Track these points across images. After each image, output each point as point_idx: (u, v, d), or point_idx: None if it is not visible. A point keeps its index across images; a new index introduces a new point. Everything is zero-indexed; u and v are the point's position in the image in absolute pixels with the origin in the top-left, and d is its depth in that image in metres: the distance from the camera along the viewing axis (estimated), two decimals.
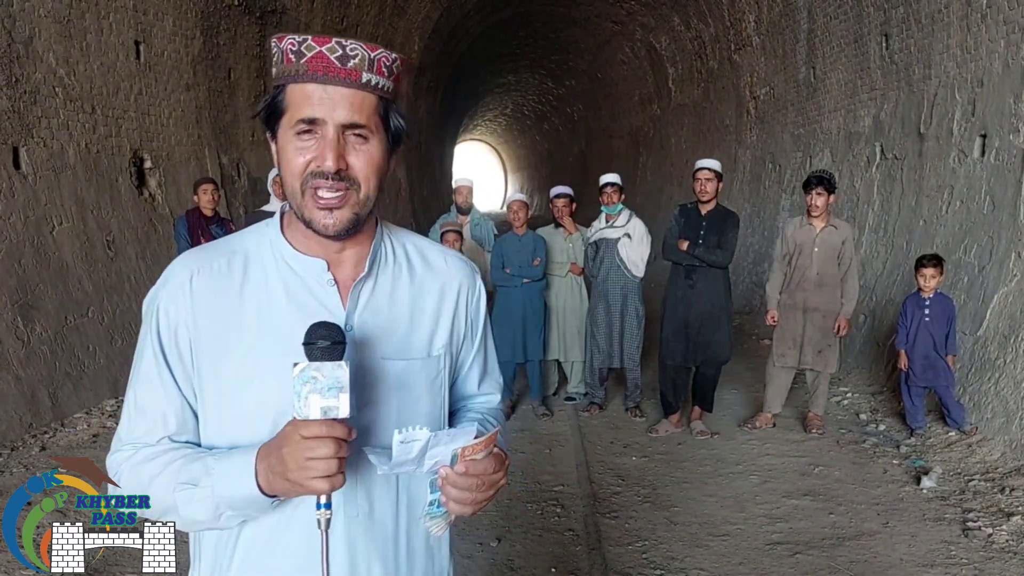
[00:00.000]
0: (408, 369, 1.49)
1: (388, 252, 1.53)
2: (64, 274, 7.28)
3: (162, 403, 1.44)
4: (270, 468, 1.29)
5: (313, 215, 1.37)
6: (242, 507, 1.35)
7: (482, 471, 1.33)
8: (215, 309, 1.42)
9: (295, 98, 1.35)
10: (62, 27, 7.57)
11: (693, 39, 17.68)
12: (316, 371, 1.25)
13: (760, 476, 5.79)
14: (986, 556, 4.45)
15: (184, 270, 1.45)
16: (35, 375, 6.61)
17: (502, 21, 23.44)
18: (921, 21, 8.42)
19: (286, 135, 1.37)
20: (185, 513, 1.39)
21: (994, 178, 6.94)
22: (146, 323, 1.46)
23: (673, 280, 6.59)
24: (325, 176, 1.34)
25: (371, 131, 1.37)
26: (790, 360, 6.63)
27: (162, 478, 1.39)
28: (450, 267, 1.60)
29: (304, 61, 1.33)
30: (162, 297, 1.44)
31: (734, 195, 14.92)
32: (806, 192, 6.43)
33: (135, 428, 1.46)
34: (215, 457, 1.37)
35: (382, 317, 1.48)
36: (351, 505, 1.44)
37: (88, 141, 7.94)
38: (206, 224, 6.78)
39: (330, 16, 14.65)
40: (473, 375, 1.70)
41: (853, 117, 10.40)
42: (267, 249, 1.47)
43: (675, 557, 4.55)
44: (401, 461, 1.30)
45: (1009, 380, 5.96)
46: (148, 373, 1.44)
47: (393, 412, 1.46)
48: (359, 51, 1.34)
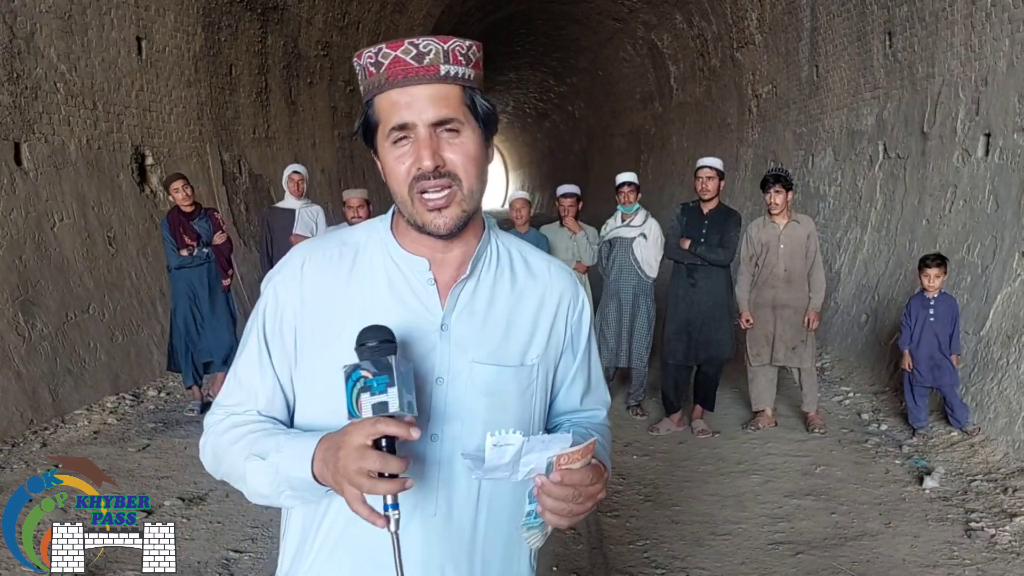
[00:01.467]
0: (499, 375, 1.47)
1: (492, 256, 1.52)
2: (65, 270, 7.28)
3: (256, 380, 1.49)
4: (324, 461, 1.29)
5: (424, 218, 1.38)
6: (300, 488, 1.36)
7: (579, 481, 1.30)
8: (322, 296, 1.45)
9: (383, 108, 1.36)
10: (64, 23, 7.57)
11: (695, 37, 17.66)
12: (364, 369, 1.24)
13: (762, 475, 5.78)
14: (989, 557, 4.43)
15: (298, 257, 1.50)
16: (36, 371, 6.60)
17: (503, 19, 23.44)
18: (925, 19, 8.40)
19: (384, 147, 1.39)
20: (252, 483, 1.42)
21: (998, 177, 6.92)
22: (259, 302, 1.52)
23: (675, 279, 6.59)
24: (427, 176, 1.35)
25: (461, 122, 1.37)
26: (764, 357, 6.66)
27: (239, 446, 1.44)
28: (553, 276, 1.58)
29: (383, 70, 1.34)
30: (276, 280, 1.50)
31: (736, 194, 14.90)
32: (764, 191, 6.51)
33: (231, 396, 1.52)
34: (288, 436, 1.40)
35: (478, 321, 1.47)
36: (429, 505, 1.43)
37: (89, 137, 7.93)
38: (187, 220, 6.75)
39: (331, 13, 14.63)
40: (575, 390, 1.66)
41: (856, 116, 10.38)
42: (376, 243, 1.49)
43: (676, 556, 4.54)
44: (494, 466, 1.27)
45: (1012, 380, 5.94)
46: (250, 350, 1.50)
47: (481, 418, 1.45)
48: (432, 45, 1.34)
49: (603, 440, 1.62)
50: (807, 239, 6.46)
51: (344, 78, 16.05)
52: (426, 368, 1.42)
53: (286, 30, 13.00)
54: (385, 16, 17.21)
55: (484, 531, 1.48)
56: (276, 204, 7.90)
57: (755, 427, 6.76)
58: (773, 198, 6.41)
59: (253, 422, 1.47)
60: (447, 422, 1.43)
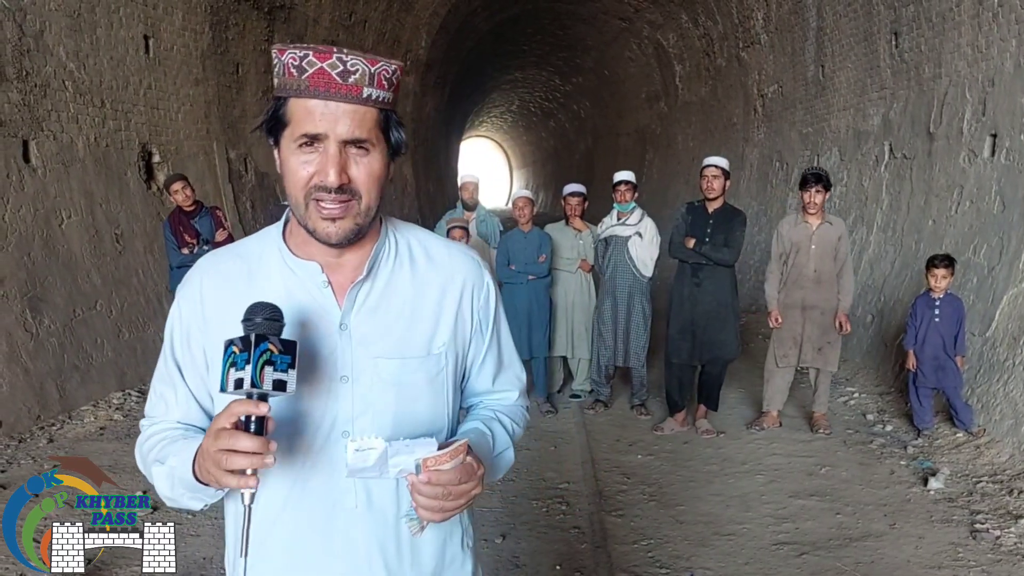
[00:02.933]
0: (404, 367, 1.50)
1: (391, 250, 1.55)
2: (72, 267, 7.30)
3: (170, 395, 1.55)
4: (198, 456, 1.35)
5: (317, 225, 1.41)
6: (191, 489, 1.43)
7: (447, 481, 1.34)
8: (223, 310, 1.46)
9: (297, 112, 1.38)
10: (72, 21, 7.59)
11: (701, 36, 17.64)
12: (272, 344, 1.27)
13: (766, 476, 5.79)
14: (994, 559, 4.43)
15: (197, 275, 1.56)
16: (43, 367, 6.63)
17: (510, 18, 23.42)
18: (931, 19, 8.39)
19: (289, 147, 1.40)
20: (157, 486, 1.50)
21: (1004, 178, 6.91)
22: (168, 319, 1.58)
23: (679, 278, 6.58)
24: (328, 190, 1.37)
25: (372, 144, 1.40)
26: (791, 359, 6.60)
27: (152, 453, 1.51)
28: (454, 262, 1.60)
29: (305, 77, 1.35)
30: (179, 299, 1.56)
31: (741, 193, 14.89)
32: (803, 190, 6.40)
33: (154, 408, 1.59)
34: (186, 440, 1.47)
35: (378, 317, 1.50)
36: (348, 499, 1.48)
37: (97, 135, 7.96)
38: (188, 220, 6.78)
39: (338, 12, 14.65)
40: (486, 372, 1.69)
41: (862, 116, 10.37)
42: (271, 252, 1.52)
43: (680, 556, 4.55)
44: (359, 468, 1.32)
45: (1018, 382, 5.94)
46: (160, 366, 1.57)
47: (390, 411, 1.49)
48: (360, 66, 1.36)
49: (510, 423, 1.70)
50: (838, 241, 6.41)
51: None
52: (330, 368, 1.46)
53: (293, 29, 13.01)
54: (392, 15, 17.22)
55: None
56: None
57: (760, 427, 6.76)
58: (813, 197, 6.32)
59: (168, 429, 1.54)
60: (356, 418, 1.46)
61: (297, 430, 1.45)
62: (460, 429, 1.63)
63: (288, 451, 1.43)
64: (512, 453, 1.67)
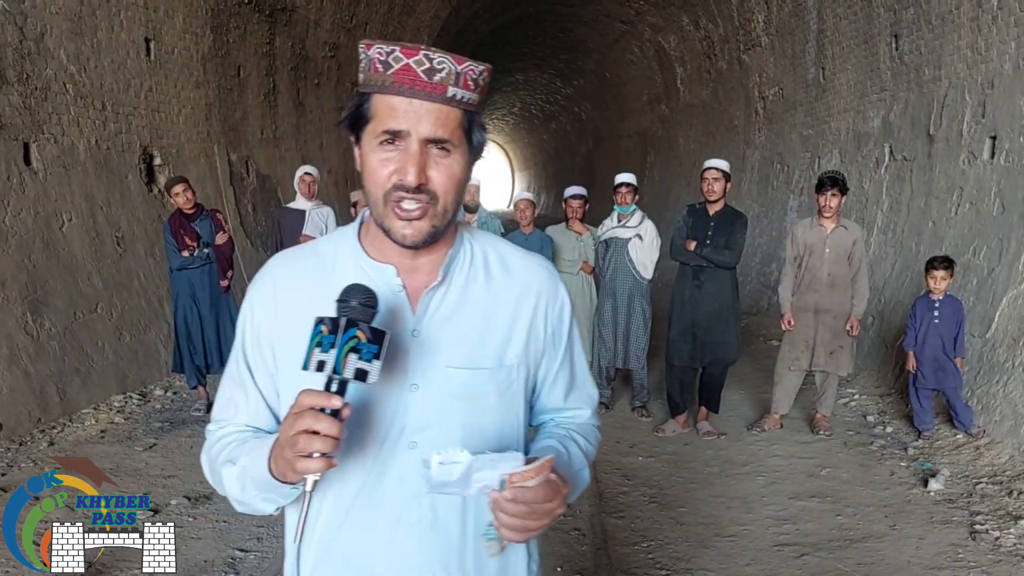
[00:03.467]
0: (475, 379, 1.45)
1: (466, 258, 1.51)
2: (73, 270, 7.31)
3: (240, 396, 1.52)
4: (275, 448, 1.31)
5: (393, 225, 1.38)
6: (264, 488, 1.39)
7: (531, 499, 1.29)
8: (296, 309, 1.43)
9: (380, 109, 1.35)
10: (73, 24, 7.61)
11: (702, 39, 17.66)
12: (361, 331, 1.24)
13: (767, 477, 5.79)
14: (994, 559, 4.43)
15: (270, 273, 1.52)
16: (44, 370, 6.64)
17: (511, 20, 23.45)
18: (931, 22, 8.40)
19: (370, 144, 1.38)
20: (227, 487, 1.47)
21: (1004, 180, 6.92)
22: (239, 321, 1.55)
23: (680, 280, 6.58)
24: (407, 189, 1.34)
25: (454, 145, 1.37)
26: (803, 363, 6.59)
27: (223, 455, 1.48)
28: (530, 274, 1.56)
29: (391, 73, 1.32)
30: (251, 297, 1.52)
31: (742, 195, 14.89)
32: (819, 193, 6.37)
33: (222, 411, 1.56)
34: (258, 439, 1.44)
35: (451, 325, 1.46)
36: (413, 513, 1.43)
37: (98, 138, 7.97)
38: (188, 223, 6.78)
39: (339, 14, 14.67)
40: (558, 388, 1.64)
41: (862, 118, 10.38)
42: (346, 253, 1.49)
43: (681, 557, 4.55)
44: (442, 482, 1.27)
45: (1018, 383, 5.94)
46: (231, 368, 1.54)
47: (459, 423, 1.44)
48: (446, 65, 1.33)
49: (584, 443, 1.63)
50: (852, 245, 6.40)
51: (352, 79, 16.07)
52: (399, 374, 1.41)
53: (294, 32, 13.04)
54: (393, 18, 17.25)
55: (473, 534, 1.47)
56: (287, 204, 7.92)
57: (761, 429, 6.76)
58: (828, 201, 6.30)
59: (238, 431, 1.51)
60: (425, 429, 1.42)
61: (364, 437, 1.41)
62: (535, 446, 1.57)
63: (355, 458, 1.40)
64: (588, 474, 1.59)
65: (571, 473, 1.51)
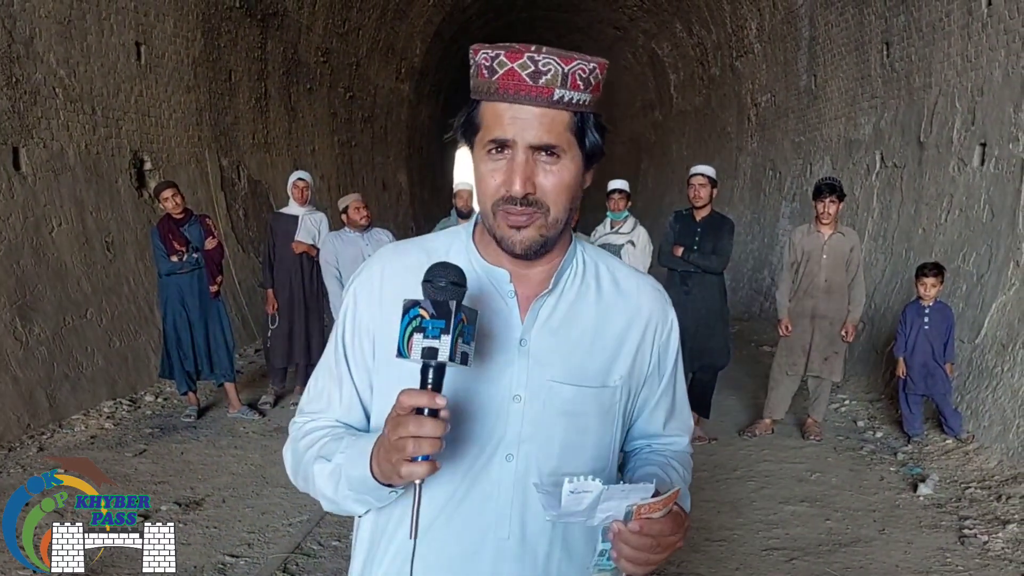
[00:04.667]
0: (579, 396, 1.41)
1: (578, 271, 1.47)
2: (63, 275, 7.29)
3: (334, 389, 1.47)
4: (378, 450, 1.26)
5: (504, 233, 1.34)
6: (359, 489, 1.33)
7: (659, 532, 1.25)
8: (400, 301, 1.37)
9: (487, 116, 1.31)
10: (63, 28, 7.59)
11: (695, 46, 17.71)
12: (423, 308, 1.20)
13: (757, 482, 5.79)
14: (982, 563, 4.44)
15: (378, 262, 1.48)
16: (33, 376, 6.61)
17: (504, 26, 23.48)
18: (922, 30, 8.44)
19: (479, 154, 1.34)
20: (318, 485, 1.40)
21: (993, 187, 6.95)
22: (342, 309, 1.50)
23: (668, 286, 6.58)
24: (514, 201, 1.30)
25: (563, 150, 1.31)
26: (799, 368, 6.60)
27: (312, 450, 1.42)
28: (642, 294, 1.52)
29: (496, 78, 1.28)
30: (355, 285, 1.48)
31: (735, 201, 14.94)
32: (817, 200, 6.39)
33: (312, 403, 1.50)
34: (354, 437, 1.39)
35: (559, 337, 1.41)
36: (502, 527, 1.38)
37: (88, 142, 7.95)
38: (177, 228, 6.75)
39: (332, 19, 14.67)
40: (659, 415, 1.60)
41: (853, 125, 10.41)
42: (459, 252, 1.45)
43: (672, 561, 4.54)
44: (570, 511, 1.22)
45: (1006, 388, 5.96)
46: (328, 357, 1.49)
47: (558, 440, 1.40)
48: (552, 65, 1.27)
49: (683, 472, 1.59)
50: (850, 251, 6.42)
51: (344, 84, 16.08)
52: (503, 385, 1.37)
53: (286, 36, 13.03)
54: (386, 22, 17.26)
55: (559, 559, 1.42)
56: (280, 210, 7.92)
57: (752, 434, 6.76)
58: (826, 208, 6.33)
59: (329, 427, 1.46)
60: (523, 443, 1.37)
61: (461, 445, 1.35)
62: (637, 473, 1.53)
63: (448, 465, 1.34)
64: (689, 503, 1.51)
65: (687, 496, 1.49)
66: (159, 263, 6.79)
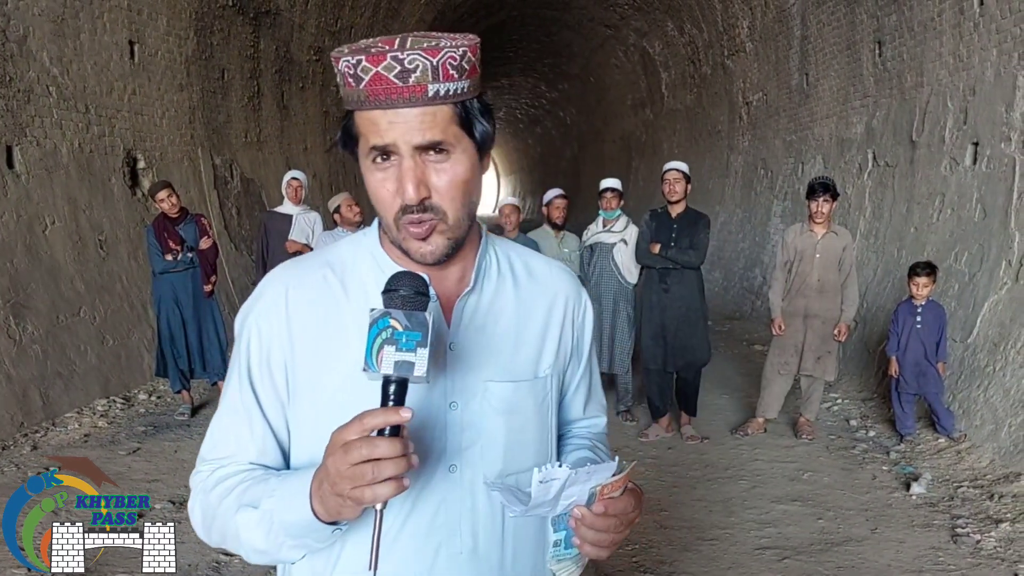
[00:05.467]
0: (516, 392, 1.36)
1: (493, 265, 1.41)
2: (56, 273, 7.27)
3: (244, 431, 1.35)
4: (320, 485, 1.14)
5: (410, 246, 1.26)
6: (299, 534, 1.22)
7: (622, 510, 1.24)
8: (313, 325, 1.31)
9: (363, 125, 1.22)
10: (56, 26, 7.57)
11: (686, 44, 17.73)
12: (395, 319, 1.11)
13: (750, 481, 5.81)
14: (974, 562, 4.47)
15: (279, 284, 1.36)
16: (26, 374, 6.59)
17: (496, 24, 23.47)
18: (914, 29, 8.47)
19: (365, 164, 1.25)
20: (246, 539, 1.27)
21: (985, 186, 6.98)
22: (238, 342, 1.38)
23: (647, 285, 6.62)
24: (411, 209, 1.22)
25: (451, 145, 1.22)
26: (792, 367, 6.62)
27: (229, 499, 1.29)
28: (556, 279, 1.48)
29: (363, 86, 1.18)
30: (256, 315, 1.35)
31: (726, 200, 14.97)
32: (810, 199, 6.40)
33: (217, 449, 1.37)
34: (280, 477, 1.27)
35: (486, 336, 1.35)
36: (455, 542, 1.31)
37: (81, 140, 7.93)
38: (172, 227, 6.75)
39: (324, 18, 14.65)
40: (579, 397, 1.57)
41: (845, 124, 10.45)
42: (366, 261, 1.36)
43: (664, 561, 4.57)
44: (539, 503, 1.19)
45: (998, 388, 5.99)
46: (233, 398, 1.36)
47: (500, 441, 1.34)
48: (419, 60, 1.17)
49: (606, 451, 1.57)
50: (843, 251, 6.43)
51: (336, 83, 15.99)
52: (437, 393, 1.30)
53: (278, 35, 13.01)
54: (378, 21, 17.24)
55: (512, 564, 1.38)
56: (274, 209, 7.90)
57: (744, 433, 6.78)
58: (820, 207, 6.33)
59: (243, 471, 1.33)
60: (465, 450, 1.31)
61: None
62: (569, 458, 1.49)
63: None
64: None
65: None
66: (153, 261, 6.79)
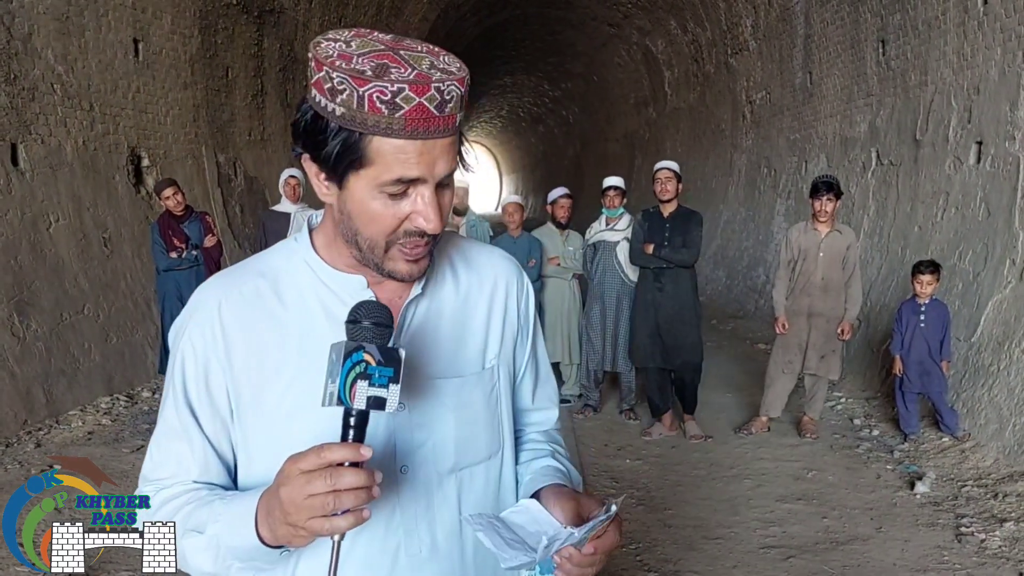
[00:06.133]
0: (463, 386, 1.35)
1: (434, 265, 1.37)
2: (60, 271, 7.28)
3: (184, 450, 1.32)
4: (270, 512, 1.12)
5: (397, 267, 1.23)
6: (247, 558, 1.22)
7: (609, 547, 1.23)
8: (250, 338, 1.28)
9: (386, 153, 1.13)
10: (61, 24, 7.57)
11: (690, 43, 17.71)
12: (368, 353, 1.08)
13: (754, 480, 5.81)
14: (979, 562, 4.47)
15: (211, 299, 1.31)
16: (30, 372, 6.60)
17: (499, 23, 23.46)
18: (918, 27, 8.46)
19: (367, 190, 1.17)
20: (194, 563, 1.28)
21: (989, 185, 6.97)
22: (172, 359, 1.34)
23: (641, 284, 6.63)
24: (422, 235, 1.20)
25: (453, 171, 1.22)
26: (796, 366, 6.61)
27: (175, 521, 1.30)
28: (495, 265, 1.46)
29: (400, 115, 1.10)
30: (190, 332, 1.31)
31: (729, 199, 14.97)
32: (814, 198, 6.39)
33: (157, 470, 1.36)
34: (224, 501, 1.24)
35: (430, 333, 1.33)
36: (413, 544, 1.30)
37: (86, 138, 7.94)
38: (177, 224, 6.75)
39: (327, 16, 14.65)
40: (526, 385, 1.54)
41: (849, 123, 10.43)
42: (300, 268, 1.32)
43: (668, 560, 4.57)
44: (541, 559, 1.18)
45: (1003, 387, 5.99)
46: (170, 418, 1.33)
47: (451, 438, 1.33)
48: (454, 91, 1.14)
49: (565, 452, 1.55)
50: (847, 250, 6.41)
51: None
52: None
53: (282, 33, 13.01)
54: (381, 20, 17.24)
55: (473, 558, 1.37)
56: (272, 207, 7.91)
57: (748, 432, 6.78)
58: (824, 206, 6.32)
59: (187, 492, 1.31)
60: (416, 449, 1.29)
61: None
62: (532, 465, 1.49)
63: None
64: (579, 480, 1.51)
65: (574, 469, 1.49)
66: (157, 259, 6.80)
